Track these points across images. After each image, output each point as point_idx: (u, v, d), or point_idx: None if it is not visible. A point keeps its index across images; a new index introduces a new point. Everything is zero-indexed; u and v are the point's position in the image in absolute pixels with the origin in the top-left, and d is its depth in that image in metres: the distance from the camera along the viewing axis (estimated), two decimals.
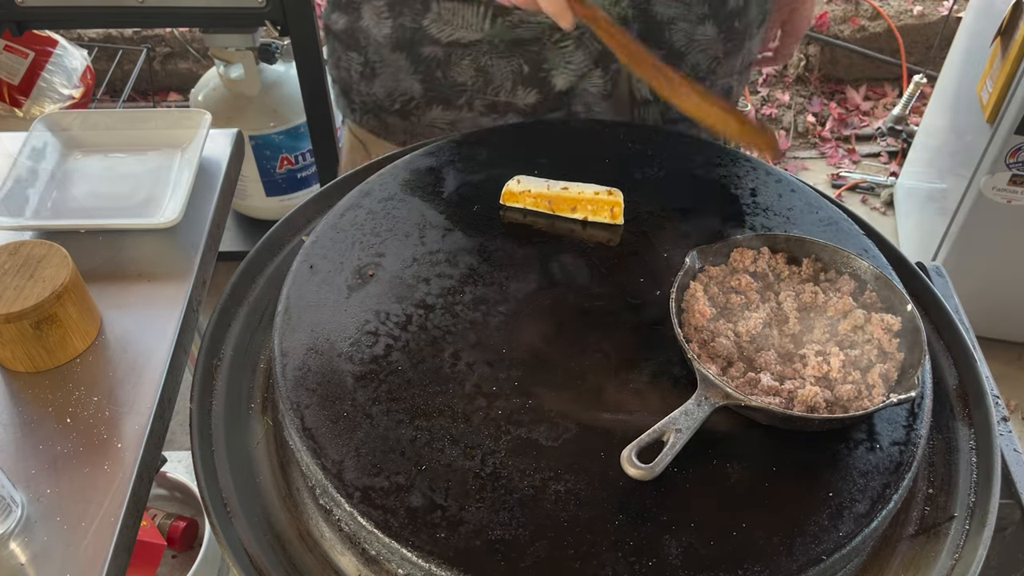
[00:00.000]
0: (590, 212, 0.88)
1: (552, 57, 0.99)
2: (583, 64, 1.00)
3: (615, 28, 0.84)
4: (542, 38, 0.97)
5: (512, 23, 0.96)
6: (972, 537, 0.70)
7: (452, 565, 0.60)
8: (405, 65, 1.02)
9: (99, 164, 1.02)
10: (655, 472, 0.62)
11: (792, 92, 2.99)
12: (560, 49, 0.98)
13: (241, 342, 0.85)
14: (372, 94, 1.07)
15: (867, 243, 0.86)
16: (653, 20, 0.98)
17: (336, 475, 0.65)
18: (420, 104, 1.04)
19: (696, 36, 1.01)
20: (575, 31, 0.95)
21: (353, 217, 0.87)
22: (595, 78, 1.01)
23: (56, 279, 0.78)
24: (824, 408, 0.68)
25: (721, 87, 1.10)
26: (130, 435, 0.74)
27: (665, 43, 1.01)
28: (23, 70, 2.00)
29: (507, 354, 0.75)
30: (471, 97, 1.03)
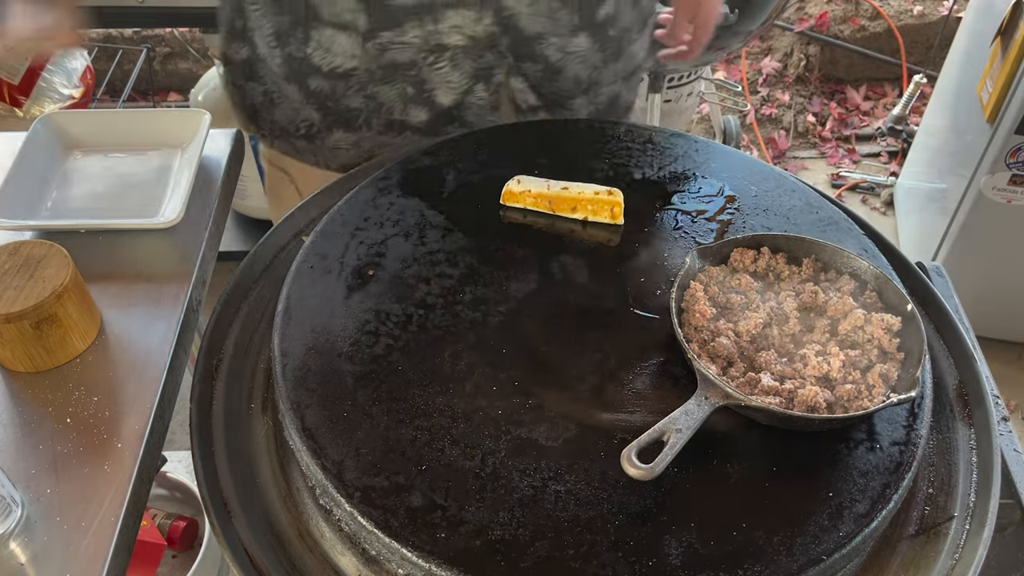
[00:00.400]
0: (590, 212, 0.88)
1: (431, 78, 1.01)
2: (462, 82, 1.01)
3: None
4: (418, 62, 0.99)
5: (381, 46, 0.98)
6: (972, 537, 0.70)
7: (452, 565, 0.60)
8: (299, 96, 1.04)
9: (99, 164, 1.02)
10: (655, 472, 0.62)
11: (792, 92, 2.99)
12: (437, 71, 1.00)
13: (241, 342, 0.85)
14: (276, 121, 1.08)
15: (867, 243, 0.86)
16: (521, 35, 0.99)
17: (336, 475, 0.65)
18: (321, 129, 1.06)
19: (570, 49, 1.02)
20: (447, 52, 0.98)
21: (353, 217, 0.87)
22: (479, 92, 1.03)
23: (56, 279, 0.78)
24: (824, 408, 0.68)
25: (607, 95, 1.11)
26: (130, 435, 0.74)
27: (540, 58, 1.01)
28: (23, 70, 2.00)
29: (507, 354, 0.75)
30: (368, 118, 1.05)
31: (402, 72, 1.00)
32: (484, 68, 1.00)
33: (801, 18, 3.00)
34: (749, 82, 3.02)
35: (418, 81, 1.01)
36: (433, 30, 0.96)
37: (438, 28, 0.96)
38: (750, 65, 3.07)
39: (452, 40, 0.97)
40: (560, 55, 1.02)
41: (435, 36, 0.97)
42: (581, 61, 1.03)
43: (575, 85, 1.06)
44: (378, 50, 0.98)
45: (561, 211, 0.89)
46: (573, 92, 1.06)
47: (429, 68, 0.99)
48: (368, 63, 1.00)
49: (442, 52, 0.98)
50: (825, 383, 0.70)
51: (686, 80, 2.05)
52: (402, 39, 0.97)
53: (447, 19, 0.95)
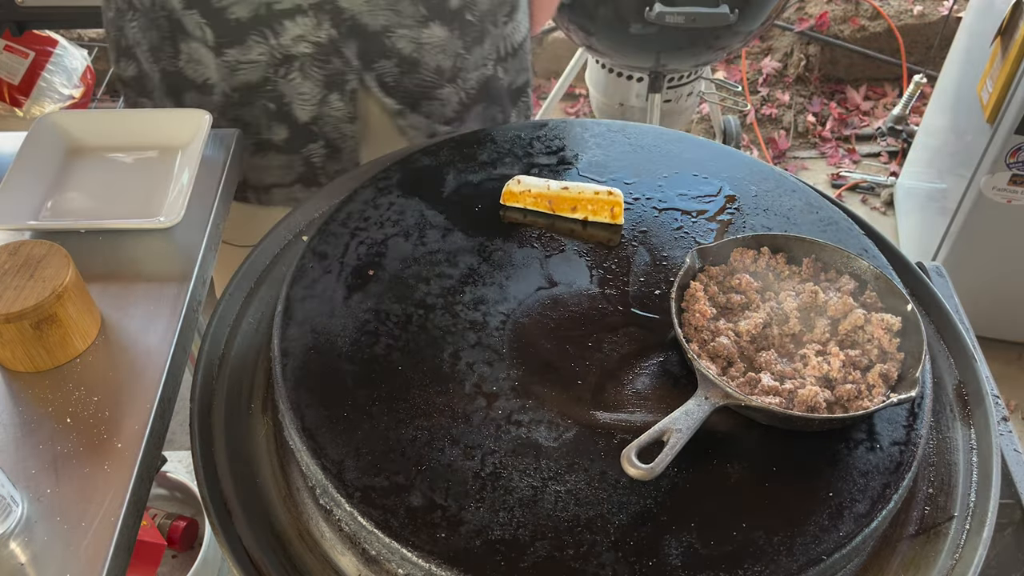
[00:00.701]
0: (590, 212, 0.88)
1: (286, 91, 1.01)
2: (315, 92, 1.01)
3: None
4: (270, 76, 1.00)
5: (229, 65, 0.99)
6: (972, 537, 0.70)
7: (452, 565, 0.60)
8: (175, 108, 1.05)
9: (99, 164, 1.02)
10: (655, 472, 0.62)
11: (792, 92, 2.99)
12: (289, 83, 1.00)
13: (241, 342, 0.85)
14: None
15: (867, 243, 0.86)
16: (366, 32, 0.98)
17: (336, 475, 0.65)
18: None
19: (424, 40, 1.01)
20: (296, 61, 0.98)
21: (353, 217, 0.87)
22: (334, 103, 1.03)
23: (56, 279, 0.78)
24: (824, 408, 0.68)
25: (476, 80, 1.09)
26: (130, 435, 0.74)
27: (392, 52, 1.01)
28: (23, 70, 2.00)
29: (507, 354, 0.75)
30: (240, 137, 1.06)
31: (258, 90, 1.01)
32: (334, 74, 1.00)
33: (801, 18, 3.00)
34: (749, 82, 3.01)
35: (275, 96, 1.02)
36: (276, 44, 0.97)
37: (280, 42, 0.97)
38: (750, 65, 3.07)
39: (298, 50, 0.98)
40: (413, 46, 1.01)
41: (279, 49, 0.97)
42: (440, 51, 1.02)
43: (438, 75, 1.05)
44: (227, 69, 0.99)
45: (561, 211, 0.89)
46: (437, 82, 1.05)
47: (282, 80, 1.00)
48: (222, 82, 1.01)
49: (291, 63, 0.99)
50: (825, 383, 0.70)
51: (686, 80, 2.05)
52: (249, 57, 0.98)
53: (287, 31, 0.96)
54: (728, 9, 1.67)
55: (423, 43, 1.01)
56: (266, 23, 0.95)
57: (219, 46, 0.98)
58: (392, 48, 1.00)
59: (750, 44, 2.59)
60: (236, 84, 1.01)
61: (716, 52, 1.88)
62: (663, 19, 1.66)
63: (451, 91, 1.08)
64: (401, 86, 1.04)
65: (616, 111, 2.12)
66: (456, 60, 1.05)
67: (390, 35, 0.99)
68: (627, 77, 2.04)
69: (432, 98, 1.07)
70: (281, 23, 0.95)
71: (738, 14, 1.68)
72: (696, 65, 1.98)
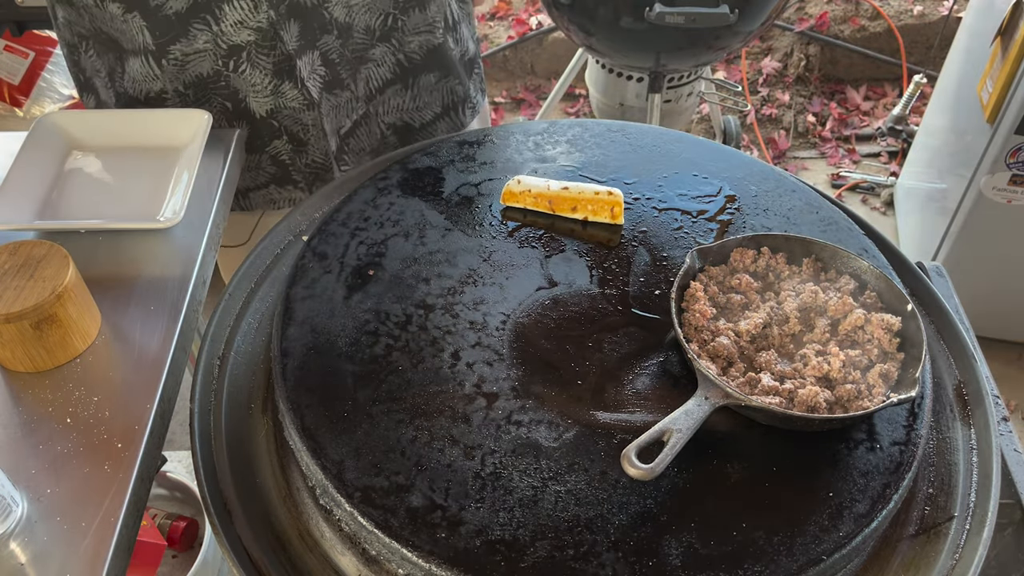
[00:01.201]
0: (590, 212, 0.88)
1: (240, 86, 1.01)
2: (266, 83, 1.01)
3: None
4: (220, 69, 1.00)
5: (177, 61, 0.99)
6: (972, 537, 0.70)
7: (452, 565, 0.60)
8: None
9: (99, 164, 1.02)
10: (655, 472, 0.62)
11: (792, 92, 2.99)
12: (241, 76, 1.00)
13: (241, 342, 0.85)
14: None
15: (867, 243, 0.86)
16: (303, 10, 0.98)
17: (336, 475, 0.65)
18: None
19: (353, 2, 1.01)
20: (243, 51, 0.98)
21: (353, 217, 0.87)
22: (288, 91, 1.02)
23: (56, 279, 0.78)
24: (824, 408, 0.68)
25: (419, 44, 1.09)
26: (130, 435, 0.74)
27: (331, 24, 1.00)
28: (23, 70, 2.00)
29: (507, 354, 0.75)
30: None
31: (212, 86, 1.01)
32: (282, 60, 1.00)
33: (801, 18, 3.00)
34: (749, 82, 3.01)
35: (230, 93, 1.02)
36: (218, 31, 0.97)
37: (222, 28, 0.97)
38: (750, 65, 3.07)
39: (241, 38, 0.97)
40: (346, 11, 1.01)
41: (223, 38, 0.97)
42: (367, 10, 1.02)
43: (367, 35, 1.04)
44: (176, 67, 1.00)
45: (561, 211, 0.89)
46: (367, 43, 1.05)
47: (234, 75, 1.00)
48: (174, 83, 1.01)
49: (239, 54, 0.99)
50: (825, 383, 0.70)
51: (686, 80, 2.05)
52: (194, 48, 0.98)
53: (227, 15, 0.96)
54: (728, 9, 1.67)
55: (352, 5, 1.01)
56: (205, 9, 0.95)
57: (161, 46, 0.98)
58: (331, 20, 1.00)
59: (750, 44, 2.59)
60: (188, 80, 1.01)
61: (716, 52, 1.88)
62: (663, 19, 1.66)
63: (384, 51, 1.06)
64: (343, 58, 1.04)
65: (616, 111, 2.12)
66: (387, 19, 1.04)
67: (327, 6, 0.99)
68: (627, 77, 2.04)
69: (366, 60, 1.06)
70: (220, 7, 0.95)
71: (738, 14, 1.68)
72: (696, 65, 1.98)
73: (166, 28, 0.96)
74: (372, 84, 1.08)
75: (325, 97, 1.05)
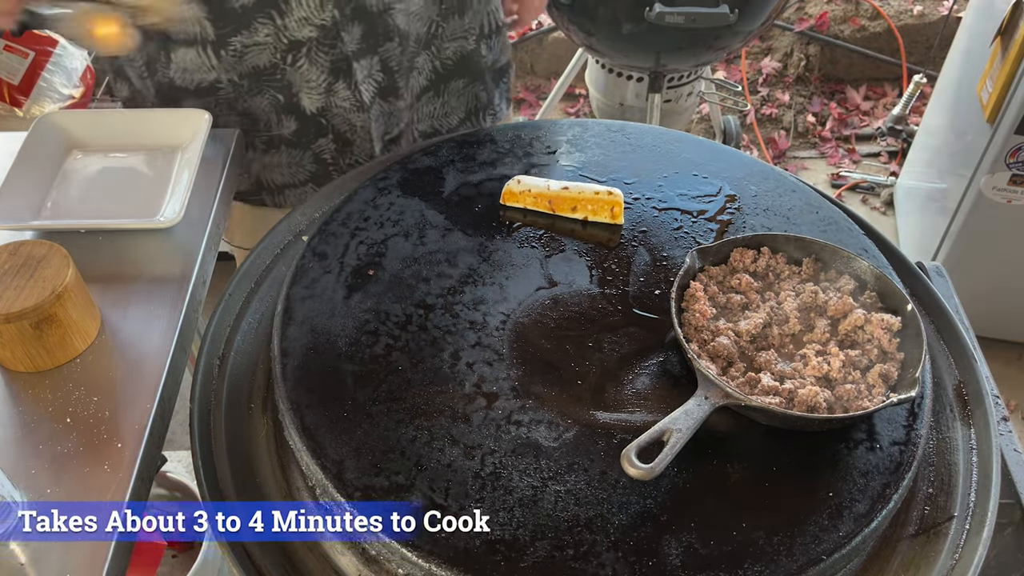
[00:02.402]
0: (590, 212, 0.88)
1: (294, 80, 1.01)
2: (321, 80, 1.01)
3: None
4: (278, 63, 0.99)
5: (236, 52, 0.99)
6: (972, 537, 0.70)
7: (452, 565, 0.60)
8: None
9: (99, 164, 1.02)
10: (655, 472, 0.62)
11: (792, 92, 2.99)
12: (297, 70, 1.00)
13: (241, 342, 0.85)
14: None
15: (867, 243, 0.86)
16: (368, 14, 0.99)
17: (336, 475, 0.65)
18: None
19: (412, 10, 1.02)
20: (303, 47, 0.98)
21: (353, 217, 0.87)
22: (341, 91, 1.03)
23: (56, 279, 0.78)
24: (824, 408, 0.68)
25: (453, 51, 1.09)
26: (130, 435, 0.74)
27: (393, 31, 1.01)
28: (23, 70, 2.00)
29: (507, 354, 0.75)
30: (250, 139, 1.06)
31: (267, 78, 1.01)
32: (340, 60, 1.00)
33: (801, 18, 3.00)
34: (749, 82, 3.01)
35: (284, 86, 1.02)
36: (282, 25, 0.97)
37: (286, 23, 0.96)
38: (750, 65, 3.06)
39: (303, 34, 0.98)
40: (405, 19, 1.02)
41: (286, 32, 0.97)
42: (418, 19, 1.03)
43: (417, 44, 1.05)
44: (235, 57, 0.99)
45: (561, 211, 0.89)
46: (416, 51, 1.06)
47: (291, 68, 1.00)
48: (229, 73, 1.01)
49: (298, 49, 0.99)
50: (825, 383, 0.70)
51: (686, 80, 2.05)
52: (255, 40, 0.97)
53: (292, 11, 0.96)
54: (728, 9, 1.67)
55: (410, 13, 1.02)
56: (272, 4, 0.95)
57: (222, 37, 0.98)
58: (393, 27, 1.01)
59: (750, 44, 2.59)
60: (244, 71, 1.01)
61: (716, 52, 1.88)
62: (663, 19, 1.66)
63: (425, 59, 1.08)
64: (401, 66, 1.05)
65: (616, 111, 2.12)
66: (431, 27, 1.05)
67: (392, 13, 1.00)
68: (627, 77, 2.04)
69: (412, 68, 1.07)
70: (287, 2, 0.95)
71: (738, 14, 1.68)
72: (696, 65, 1.98)
73: (229, 20, 0.96)
74: (413, 93, 1.09)
75: (378, 102, 1.05)
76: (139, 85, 1.07)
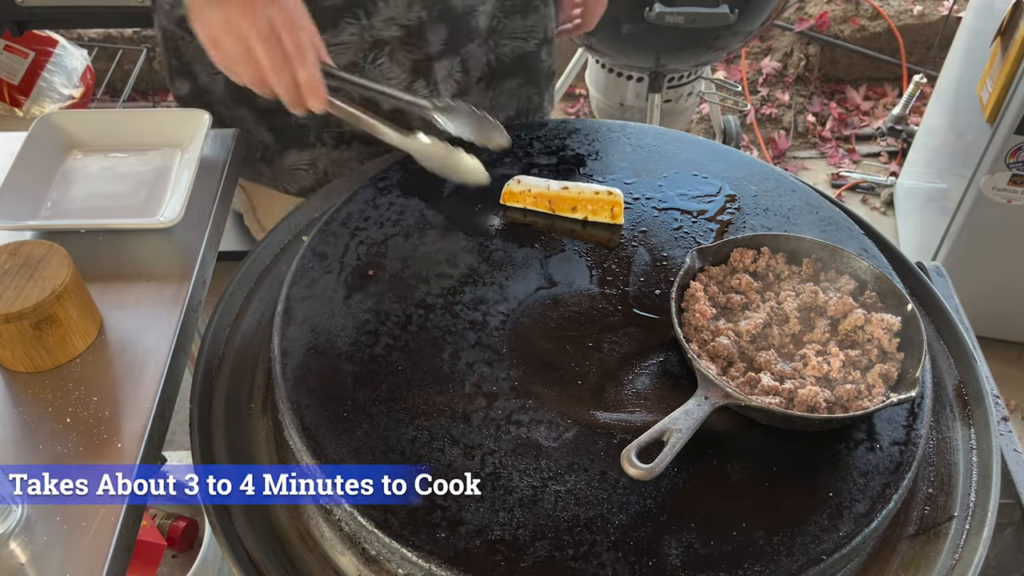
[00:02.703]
0: (590, 212, 0.88)
1: (374, 76, 1.01)
2: (403, 78, 1.01)
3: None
4: (358, 61, 0.99)
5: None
6: (972, 537, 0.70)
7: (452, 565, 0.60)
8: (251, 117, 1.04)
9: (99, 164, 1.01)
10: (655, 472, 0.62)
11: (792, 92, 2.99)
12: (377, 67, 1.00)
13: (241, 342, 0.85)
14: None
15: (867, 243, 0.86)
16: (453, 15, 0.99)
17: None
18: (277, 151, 1.07)
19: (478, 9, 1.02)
20: (386, 46, 0.98)
21: (353, 217, 0.87)
22: (420, 90, 1.02)
23: (56, 279, 0.78)
24: (824, 408, 0.68)
25: (511, 49, 1.10)
26: (130, 435, 0.74)
27: (475, 33, 1.02)
28: (23, 70, 2.00)
29: (507, 354, 0.75)
30: (319, 133, 1.05)
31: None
32: (422, 60, 1.00)
33: (801, 18, 3.00)
34: (749, 82, 3.01)
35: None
36: (368, 24, 0.96)
37: (372, 23, 0.96)
38: (750, 65, 3.06)
39: (388, 33, 0.97)
40: (486, 19, 1.03)
41: (371, 31, 0.97)
42: (484, 14, 1.04)
43: (476, 33, 1.05)
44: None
45: (561, 211, 0.89)
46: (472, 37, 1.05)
47: (370, 65, 0.99)
48: None
49: (380, 48, 0.98)
50: (825, 383, 0.70)
51: (686, 80, 2.05)
52: (339, 39, 0.97)
53: (380, 11, 0.96)
54: (728, 9, 1.67)
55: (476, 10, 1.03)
56: (360, 4, 0.95)
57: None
58: (475, 27, 1.02)
59: (750, 44, 2.59)
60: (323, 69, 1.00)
61: (716, 52, 1.88)
62: (663, 19, 1.66)
63: (481, 49, 1.08)
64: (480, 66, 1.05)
65: (616, 111, 2.12)
66: (491, 21, 1.06)
67: (475, 15, 1.01)
68: (627, 77, 2.04)
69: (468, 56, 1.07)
70: (375, 3, 0.95)
71: (738, 14, 1.68)
72: (696, 65, 1.98)
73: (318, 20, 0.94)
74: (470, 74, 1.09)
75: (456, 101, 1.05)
76: (207, 82, 1.05)
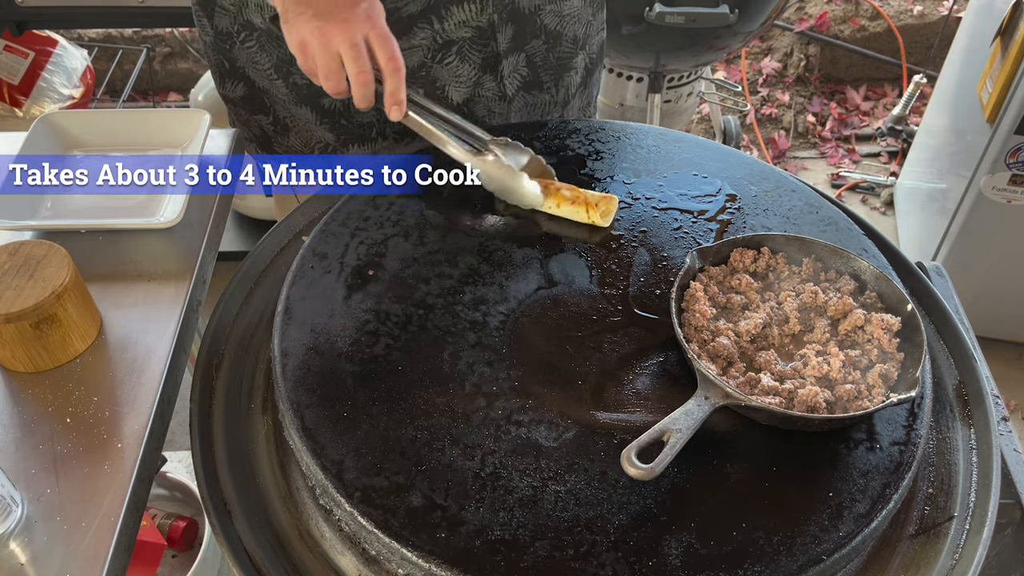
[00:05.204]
0: (589, 212, 0.88)
1: (442, 75, 1.01)
2: (471, 75, 1.02)
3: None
4: (426, 62, 1.00)
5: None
6: (972, 537, 0.70)
7: (452, 565, 0.60)
8: (312, 117, 1.04)
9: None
10: (655, 472, 0.62)
11: (792, 92, 2.99)
12: (446, 67, 1.00)
13: (241, 342, 0.85)
14: (291, 146, 1.09)
15: (867, 243, 0.86)
16: (522, 15, 1.00)
17: (336, 475, 0.65)
18: (336, 148, 1.06)
19: (566, 12, 1.04)
20: (455, 46, 0.99)
21: (353, 217, 0.87)
22: (487, 83, 1.03)
23: (56, 279, 0.78)
24: (824, 408, 0.68)
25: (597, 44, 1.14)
26: (130, 435, 0.74)
27: (540, 30, 1.03)
28: (23, 70, 2.00)
29: (507, 354, 0.75)
30: (381, 129, 1.05)
31: (411, 76, 1.00)
32: (490, 57, 1.01)
33: (801, 18, 3.00)
34: (749, 82, 3.01)
35: (429, 81, 1.01)
36: (440, 29, 0.97)
37: (444, 27, 0.97)
38: (750, 65, 3.06)
39: (459, 35, 0.98)
40: (557, 20, 1.04)
41: (442, 34, 0.98)
42: (577, 20, 1.06)
43: (573, 44, 1.08)
44: None
45: (561, 211, 0.88)
46: (573, 52, 1.08)
47: (438, 65, 1.00)
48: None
49: (449, 47, 0.99)
50: (825, 383, 0.70)
51: (686, 80, 2.05)
52: (411, 44, 0.97)
53: (452, 16, 0.96)
54: (728, 9, 1.67)
55: (564, 15, 1.04)
56: (435, 11, 0.96)
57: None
58: (541, 26, 1.03)
59: (750, 44, 2.59)
60: None
61: (716, 52, 1.88)
62: (663, 19, 1.66)
63: (581, 58, 1.11)
64: (547, 63, 1.06)
65: (616, 111, 2.12)
66: (587, 27, 1.09)
67: (540, 14, 1.02)
68: (627, 77, 2.04)
69: (569, 68, 1.10)
70: (449, 8, 0.96)
71: (738, 14, 1.68)
72: (696, 65, 1.98)
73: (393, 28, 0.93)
74: (569, 91, 1.12)
75: (521, 94, 1.07)
76: (265, 85, 1.04)
